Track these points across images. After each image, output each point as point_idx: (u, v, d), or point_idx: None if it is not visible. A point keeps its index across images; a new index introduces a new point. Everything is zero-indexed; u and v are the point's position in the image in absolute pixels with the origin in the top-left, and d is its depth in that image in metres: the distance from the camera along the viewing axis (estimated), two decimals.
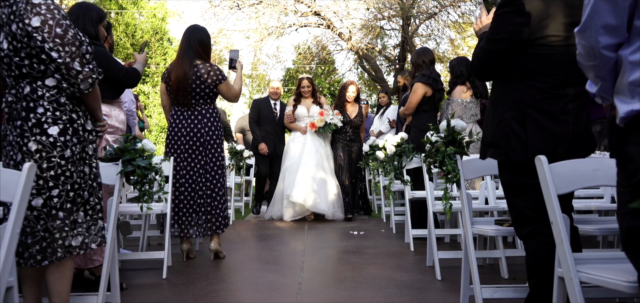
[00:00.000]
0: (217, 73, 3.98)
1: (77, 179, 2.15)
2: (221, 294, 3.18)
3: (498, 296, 2.62)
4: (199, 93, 3.97)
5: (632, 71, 1.38)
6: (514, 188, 2.29)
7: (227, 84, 4.06)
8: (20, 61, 2.10)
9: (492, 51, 2.26)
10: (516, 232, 2.34)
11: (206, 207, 4.03)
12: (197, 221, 4.04)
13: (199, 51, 3.99)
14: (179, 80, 3.95)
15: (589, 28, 1.45)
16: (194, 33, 4.05)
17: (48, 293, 2.17)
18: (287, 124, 6.92)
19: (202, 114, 4.01)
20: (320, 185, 6.38)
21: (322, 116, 6.56)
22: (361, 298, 3.07)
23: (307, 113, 6.77)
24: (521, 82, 2.23)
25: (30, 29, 2.04)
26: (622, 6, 1.37)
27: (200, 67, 3.95)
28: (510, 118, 2.24)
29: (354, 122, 6.74)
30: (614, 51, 1.45)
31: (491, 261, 3.87)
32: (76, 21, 3.02)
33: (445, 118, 4.79)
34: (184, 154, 4.01)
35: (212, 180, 4.04)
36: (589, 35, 1.46)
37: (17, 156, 2.11)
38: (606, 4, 1.39)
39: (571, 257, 1.74)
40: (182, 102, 4.01)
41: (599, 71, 1.52)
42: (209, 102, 4.03)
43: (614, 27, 1.40)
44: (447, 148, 2.92)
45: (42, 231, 2.07)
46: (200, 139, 4.00)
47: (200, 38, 4.03)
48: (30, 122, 2.09)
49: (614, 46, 1.44)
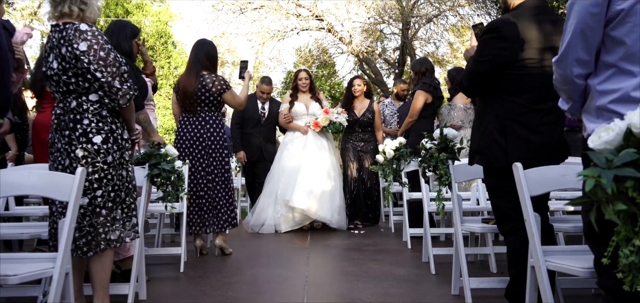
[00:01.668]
0: (222, 83, 4.30)
1: (117, 181, 2.48)
2: (235, 286, 3.51)
3: (484, 286, 2.96)
4: (204, 101, 4.28)
5: (599, 98, 1.71)
6: (497, 190, 2.61)
7: (232, 93, 4.37)
8: (67, 79, 2.42)
9: (478, 71, 2.58)
10: (499, 229, 2.67)
11: (209, 206, 4.32)
12: (203, 219, 4.35)
13: (205, 63, 4.33)
14: (186, 89, 4.30)
15: (565, 60, 1.78)
16: (202, 47, 4.42)
17: (91, 280, 2.49)
18: (284, 124, 6.13)
19: (206, 120, 4.32)
20: (323, 190, 5.70)
21: (327, 115, 5.91)
22: (362, 290, 3.39)
23: (306, 111, 6.03)
24: (503, 99, 2.55)
25: (78, 52, 2.36)
26: (592, 44, 1.70)
27: (206, 78, 4.28)
28: (493, 129, 2.56)
29: (362, 120, 6.08)
30: (584, 79, 1.78)
31: (482, 258, 4.20)
32: (111, 37, 3.33)
33: (444, 123, 5.13)
34: (189, 156, 4.33)
35: (213, 181, 4.33)
36: (565, 66, 1.79)
37: (65, 162, 2.43)
38: (579, 42, 1.72)
39: (540, 249, 2.06)
40: (188, 110, 4.34)
41: (571, 94, 1.86)
42: (213, 109, 4.34)
43: (585, 61, 1.74)
44: (440, 153, 3.25)
45: (87, 226, 2.40)
46: (202, 143, 4.30)
47: (206, 51, 4.38)
48: (78, 132, 2.41)
49: (584, 75, 1.77)
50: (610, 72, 1.64)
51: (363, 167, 6.08)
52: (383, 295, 3.26)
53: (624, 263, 1.30)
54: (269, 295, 3.36)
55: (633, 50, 1.57)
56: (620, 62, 1.60)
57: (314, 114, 5.99)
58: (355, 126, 6.07)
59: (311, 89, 6.15)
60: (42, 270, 1.98)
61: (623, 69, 1.60)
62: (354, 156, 6.09)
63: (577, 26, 1.67)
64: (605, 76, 1.66)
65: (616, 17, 1.59)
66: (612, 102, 1.61)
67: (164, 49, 17.47)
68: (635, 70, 1.57)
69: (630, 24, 1.57)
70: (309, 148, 5.87)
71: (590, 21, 1.63)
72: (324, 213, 5.65)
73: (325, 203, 5.67)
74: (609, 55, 1.64)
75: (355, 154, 6.10)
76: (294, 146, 5.93)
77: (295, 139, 5.99)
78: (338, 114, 5.93)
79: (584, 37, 1.66)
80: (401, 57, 16.77)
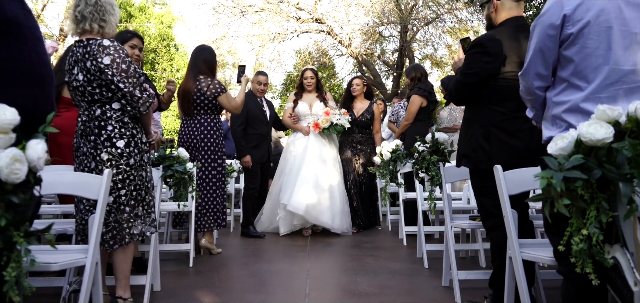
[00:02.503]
0: (217, 87, 4.50)
1: (138, 181, 2.74)
2: (242, 279, 3.77)
3: (471, 278, 3.22)
4: (200, 105, 4.51)
5: (554, 108, 1.99)
6: (481, 189, 2.87)
7: (227, 96, 4.55)
8: (92, 89, 2.68)
9: (465, 82, 2.85)
10: (483, 225, 2.93)
11: (199, 206, 4.50)
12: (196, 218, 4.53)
13: (202, 68, 4.57)
14: (184, 93, 4.56)
15: (528, 73, 2.07)
16: (200, 52, 4.68)
17: (114, 271, 2.75)
18: (288, 123, 6.00)
19: (201, 122, 4.53)
20: (323, 193, 5.52)
21: (328, 116, 5.75)
22: (360, 283, 3.65)
23: (310, 111, 5.91)
24: (487, 107, 2.81)
25: (103, 65, 2.62)
26: (549, 61, 1.98)
27: (201, 82, 4.51)
28: (479, 135, 2.82)
29: (360, 120, 5.96)
30: (543, 91, 2.06)
31: (472, 253, 4.46)
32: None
33: (438, 126, 5.41)
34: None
35: (206, 182, 4.54)
36: (527, 78, 2.08)
37: (91, 164, 2.69)
38: (539, 59, 2.00)
39: (516, 242, 2.32)
40: (187, 113, 4.59)
41: (533, 104, 2.14)
42: (209, 113, 4.54)
43: (543, 75, 2.02)
44: (432, 156, 3.51)
45: (113, 222, 2.66)
46: (196, 145, 4.52)
47: (204, 57, 4.62)
48: (102, 137, 2.67)
49: (543, 87, 2.05)
50: (563, 85, 1.91)
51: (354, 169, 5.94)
52: (379, 287, 3.52)
53: (575, 249, 1.57)
54: (274, 286, 3.62)
55: (580, 67, 1.85)
56: (571, 77, 1.88)
57: (316, 115, 5.85)
58: (353, 127, 5.93)
59: (317, 87, 6.01)
60: (76, 260, 2.24)
61: (573, 84, 1.87)
62: (352, 157, 5.98)
63: (537, 45, 1.95)
64: (559, 89, 1.93)
65: (567, 39, 1.87)
66: (564, 112, 1.88)
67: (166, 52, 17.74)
68: (582, 85, 1.85)
69: (578, 46, 1.85)
70: (310, 149, 5.71)
71: (547, 41, 1.91)
72: (324, 217, 5.46)
73: (324, 207, 5.47)
74: (562, 71, 1.92)
75: (353, 155, 5.99)
76: (296, 148, 5.82)
77: (296, 141, 5.88)
78: (340, 116, 5.78)
79: (542, 55, 1.94)
80: (400, 60, 17.03)
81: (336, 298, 3.31)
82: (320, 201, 5.49)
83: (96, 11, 2.68)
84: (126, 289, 2.77)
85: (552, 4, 1.93)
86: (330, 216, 5.50)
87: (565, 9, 1.87)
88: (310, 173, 5.56)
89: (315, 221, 5.50)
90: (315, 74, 6.05)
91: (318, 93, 5.99)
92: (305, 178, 5.52)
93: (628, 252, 1.51)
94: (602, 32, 1.85)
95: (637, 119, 1.49)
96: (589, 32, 1.86)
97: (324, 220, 5.48)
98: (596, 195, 1.52)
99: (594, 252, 1.54)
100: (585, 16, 1.85)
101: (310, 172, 5.57)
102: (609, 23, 1.85)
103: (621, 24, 1.85)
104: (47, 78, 1.84)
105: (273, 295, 3.38)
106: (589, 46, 1.87)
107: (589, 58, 1.88)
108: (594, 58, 1.87)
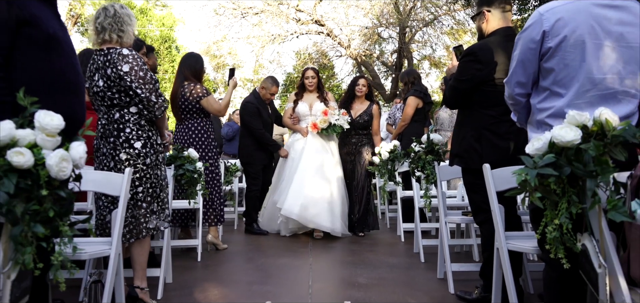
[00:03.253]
0: (198, 91, 4.65)
1: (154, 179, 2.96)
2: (248, 272, 3.99)
3: (463, 269, 3.45)
4: (185, 109, 4.70)
5: (538, 114, 2.20)
6: (473, 186, 3.09)
7: (208, 100, 4.64)
8: (112, 95, 2.90)
9: (459, 88, 3.06)
10: (474, 219, 3.16)
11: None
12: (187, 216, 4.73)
13: (187, 74, 4.75)
14: (172, 99, 4.78)
15: (510, 82, 2.29)
16: (186, 60, 4.88)
17: (132, 263, 2.97)
18: (288, 124, 5.90)
19: (188, 127, 4.71)
20: (321, 196, 5.34)
21: (326, 116, 5.62)
22: (360, 275, 3.86)
23: (310, 111, 5.80)
24: (479, 111, 3.03)
25: (122, 73, 2.84)
26: (529, 72, 2.20)
27: (185, 87, 4.70)
28: (470, 137, 3.04)
29: (357, 122, 5.79)
30: (524, 97, 2.29)
31: (467, 248, 4.69)
32: None
33: (433, 128, 5.63)
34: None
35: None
36: (510, 86, 2.30)
37: (110, 164, 2.91)
38: (520, 69, 2.22)
39: (503, 234, 2.54)
40: (176, 118, 4.81)
41: (516, 107, 2.37)
42: (195, 116, 4.71)
43: (524, 83, 2.24)
44: (427, 156, 3.74)
45: (130, 217, 2.88)
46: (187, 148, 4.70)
47: (189, 64, 4.82)
48: (121, 139, 2.89)
49: (523, 94, 2.28)
50: (545, 94, 2.13)
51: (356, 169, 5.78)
52: (378, 279, 3.75)
53: (549, 237, 1.79)
54: (279, 278, 3.83)
55: (560, 77, 2.07)
56: (552, 86, 2.10)
57: (316, 115, 5.74)
58: (350, 128, 5.72)
59: (318, 87, 5.90)
60: (101, 250, 2.46)
61: (554, 91, 2.09)
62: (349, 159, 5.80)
63: (519, 57, 2.17)
64: (542, 96, 2.15)
65: (547, 52, 2.08)
66: (548, 117, 2.10)
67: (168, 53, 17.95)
68: (563, 92, 2.07)
69: (557, 58, 2.07)
70: (307, 151, 5.57)
71: (528, 54, 2.14)
72: (322, 220, 5.28)
73: (323, 210, 5.28)
74: (544, 81, 2.14)
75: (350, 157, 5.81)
76: (294, 150, 5.72)
77: (295, 142, 5.79)
78: (338, 116, 5.62)
79: (523, 66, 2.17)
80: (399, 60, 17.26)
81: (338, 289, 3.53)
82: (317, 204, 5.29)
83: (115, 22, 2.90)
84: (143, 279, 2.99)
85: (534, 21, 2.15)
86: (330, 219, 5.32)
87: (545, 26, 2.09)
88: (305, 176, 5.41)
89: (312, 224, 5.35)
90: (316, 73, 5.95)
91: (319, 93, 5.89)
92: (300, 181, 5.38)
93: (594, 239, 1.73)
94: (577, 46, 2.07)
95: (601, 123, 1.71)
96: (566, 46, 2.08)
97: (321, 223, 5.29)
98: (567, 190, 1.74)
99: (565, 239, 1.76)
100: (562, 32, 2.07)
101: (305, 175, 5.41)
102: (582, 38, 2.06)
103: (594, 38, 2.07)
104: (81, 86, 2.05)
105: (278, 286, 3.60)
106: (566, 58, 2.09)
107: (567, 69, 2.09)
108: (571, 69, 2.09)
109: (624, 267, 1.72)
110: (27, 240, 1.58)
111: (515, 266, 2.89)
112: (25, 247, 1.56)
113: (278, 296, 3.31)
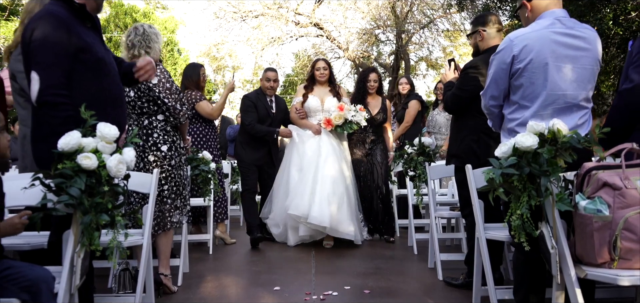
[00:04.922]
0: (192, 98, 4.99)
1: (177, 179, 3.36)
2: (257, 263, 4.39)
3: (451, 259, 3.86)
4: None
5: (509, 123, 2.61)
6: (464, 184, 3.47)
7: (203, 104, 4.97)
8: (141, 104, 3.29)
9: (463, 96, 3.45)
10: (461, 213, 3.56)
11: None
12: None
13: (187, 84, 5.11)
14: None
15: (485, 94, 2.69)
16: (186, 71, 5.25)
17: (157, 252, 3.37)
18: (296, 120, 5.28)
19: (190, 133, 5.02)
20: (344, 204, 4.90)
21: (342, 112, 5.03)
22: (358, 265, 4.27)
23: (321, 106, 5.21)
24: (476, 116, 3.41)
25: (151, 84, 3.24)
26: (501, 87, 2.61)
27: (185, 95, 5.00)
28: (470, 139, 3.43)
29: (376, 119, 5.33)
30: (497, 108, 2.69)
31: (457, 242, 5.09)
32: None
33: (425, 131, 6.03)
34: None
35: None
36: (485, 98, 2.70)
37: (140, 165, 3.30)
38: (493, 85, 2.62)
39: (482, 225, 2.94)
40: None
41: (490, 116, 2.77)
42: (195, 122, 5.05)
43: (496, 96, 2.64)
44: (419, 157, 4.14)
45: (157, 212, 3.27)
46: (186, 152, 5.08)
47: (188, 74, 5.17)
48: (150, 142, 3.29)
49: (496, 105, 2.68)
50: (515, 106, 2.54)
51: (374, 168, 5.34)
52: (374, 268, 4.15)
53: (513, 225, 2.19)
54: (284, 267, 4.23)
55: (526, 93, 2.47)
56: (520, 100, 2.50)
57: (329, 111, 5.16)
58: (366, 125, 5.20)
59: (330, 80, 5.32)
60: (136, 240, 2.85)
61: (522, 104, 2.50)
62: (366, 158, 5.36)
63: (493, 75, 2.58)
64: (512, 108, 2.55)
65: (516, 72, 2.49)
66: (517, 125, 2.51)
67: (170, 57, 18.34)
68: (528, 105, 2.47)
69: (525, 77, 2.47)
70: (325, 152, 5.00)
71: (500, 73, 2.54)
72: (344, 228, 4.83)
73: (346, 218, 4.85)
74: (513, 95, 2.54)
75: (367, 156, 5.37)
76: (305, 148, 5.09)
77: (306, 140, 5.14)
78: (356, 112, 5.05)
79: (496, 83, 2.57)
80: (396, 62, 17.64)
81: (338, 278, 3.93)
82: (342, 212, 4.86)
83: (143, 40, 3.29)
84: (167, 267, 3.39)
85: (505, 46, 2.54)
86: (354, 227, 4.92)
87: (514, 51, 2.49)
88: (327, 180, 4.87)
89: (335, 234, 4.89)
90: (328, 64, 5.35)
91: (331, 87, 5.30)
92: (323, 185, 4.83)
93: (549, 226, 2.13)
94: (541, 67, 2.47)
95: (554, 132, 2.12)
96: (531, 67, 2.48)
97: (344, 231, 4.84)
98: (527, 186, 2.14)
99: (526, 227, 2.16)
100: (528, 56, 2.47)
101: (327, 178, 4.88)
102: (546, 60, 2.46)
103: (555, 61, 2.47)
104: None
105: (284, 275, 3.99)
106: (532, 78, 2.49)
107: (532, 86, 2.49)
108: (536, 86, 2.49)
109: (572, 248, 2.13)
110: (93, 227, 1.98)
111: (497, 255, 3.31)
112: (92, 233, 1.96)
113: (284, 283, 3.69)
